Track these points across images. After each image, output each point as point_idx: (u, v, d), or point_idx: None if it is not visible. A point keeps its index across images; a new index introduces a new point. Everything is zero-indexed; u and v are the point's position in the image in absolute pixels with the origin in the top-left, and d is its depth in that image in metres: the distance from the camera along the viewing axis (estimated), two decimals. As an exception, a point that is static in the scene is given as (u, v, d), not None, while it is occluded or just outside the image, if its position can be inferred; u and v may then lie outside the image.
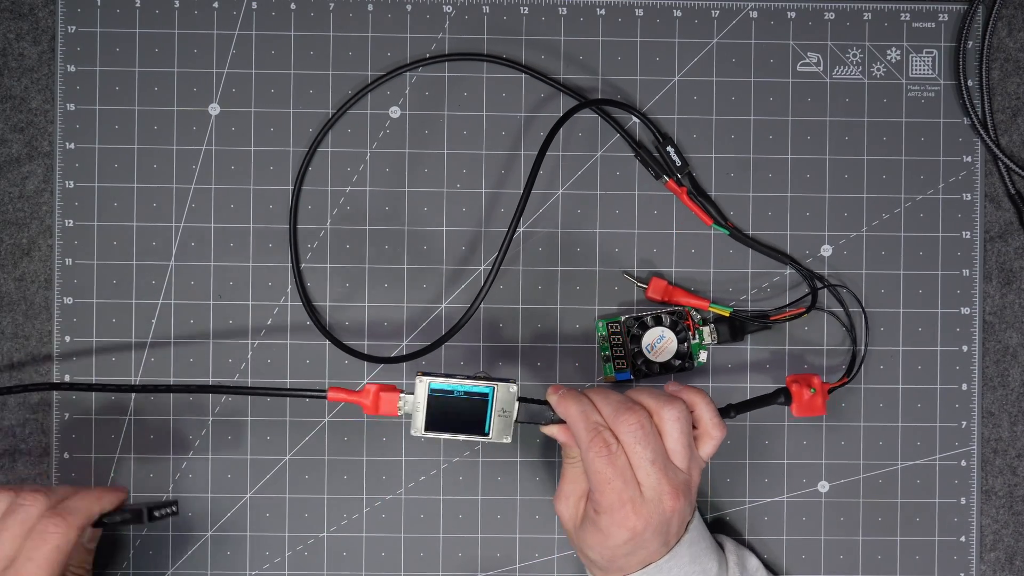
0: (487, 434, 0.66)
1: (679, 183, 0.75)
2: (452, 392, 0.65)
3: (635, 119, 0.77)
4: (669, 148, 0.75)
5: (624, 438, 0.64)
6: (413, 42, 0.77)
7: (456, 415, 0.65)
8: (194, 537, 0.76)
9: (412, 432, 0.66)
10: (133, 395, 0.76)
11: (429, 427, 0.66)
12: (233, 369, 0.76)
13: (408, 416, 0.67)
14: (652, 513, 0.64)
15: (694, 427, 0.67)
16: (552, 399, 0.67)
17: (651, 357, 0.74)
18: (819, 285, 0.76)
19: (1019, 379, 0.77)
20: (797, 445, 0.77)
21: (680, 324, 0.74)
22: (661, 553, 0.66)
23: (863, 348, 0.76)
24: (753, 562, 0.73)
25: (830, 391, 0.73)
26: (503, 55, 0.77)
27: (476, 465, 0.76)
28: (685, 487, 0.65)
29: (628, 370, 0.75)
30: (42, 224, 0.76)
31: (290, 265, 0.76)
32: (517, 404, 0.66)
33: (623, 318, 0.75)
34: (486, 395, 0.65)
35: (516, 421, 0.66)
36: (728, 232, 0.76)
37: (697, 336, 0.75)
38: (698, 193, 0.76)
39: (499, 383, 0.65)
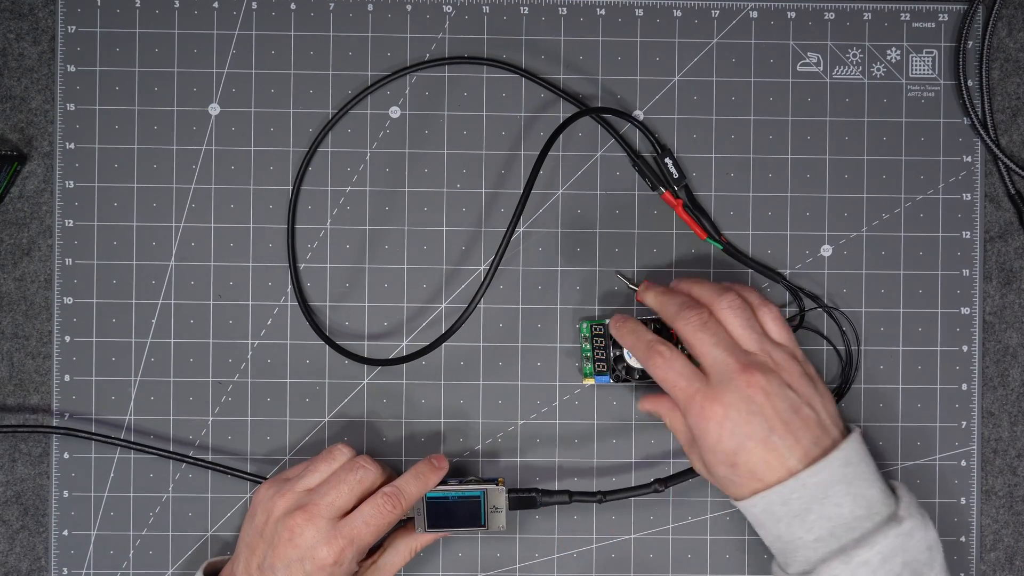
0: (484, 526, 0.72)
1: (675, 195, 0.75)
2: (447, 498, 0.71)
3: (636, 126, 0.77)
4: (667, 160, 0.75)
5: (685, 331, 0.66)
6: (413, 42, 0.77)
7: (454, 514, 0.72)
8: (194, 537, 0.76)
9: (416, 530, 0.72)
10: (134, 394, 0.76)
11: (431, 526, 0.71)
12: (233, 369, 0.76)
13: (411, 517, 0.72)
14: (727, 394, 0.63)
15: None
16: (612, 331, 0.71)
17: (631, 363, 0.74)
18: (809, 307, 0.76)
19: (1019, 379, 0.77)
20: (797, 445, 0.77)
21: (664, 332, 0.74)
22: (802, 463, 0.63)
23: (854, 368, 0.76)
24: (933, 533, 0.64)
25: None
26: (503, 56, 0.77)
27: (476, 465, 0.76)
28: (760, 365, 0.64)
29: (608, 374, 0.75)
30: (42, 224, 0.77)
31: (288, 265, 0.76)
32: (507, 500, 0.72)
33: (607, 321, 0.75)
34: (478, 497, 0.72)
35: (509, 510, 0.72)
36: (722, 247, 0.76)
37: (680, 346, 0.75)
38: (694, 206, 0.76)
39: (488, 486, 0.72)
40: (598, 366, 0.75)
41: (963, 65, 0.77)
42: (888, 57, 0.77)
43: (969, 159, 0.77)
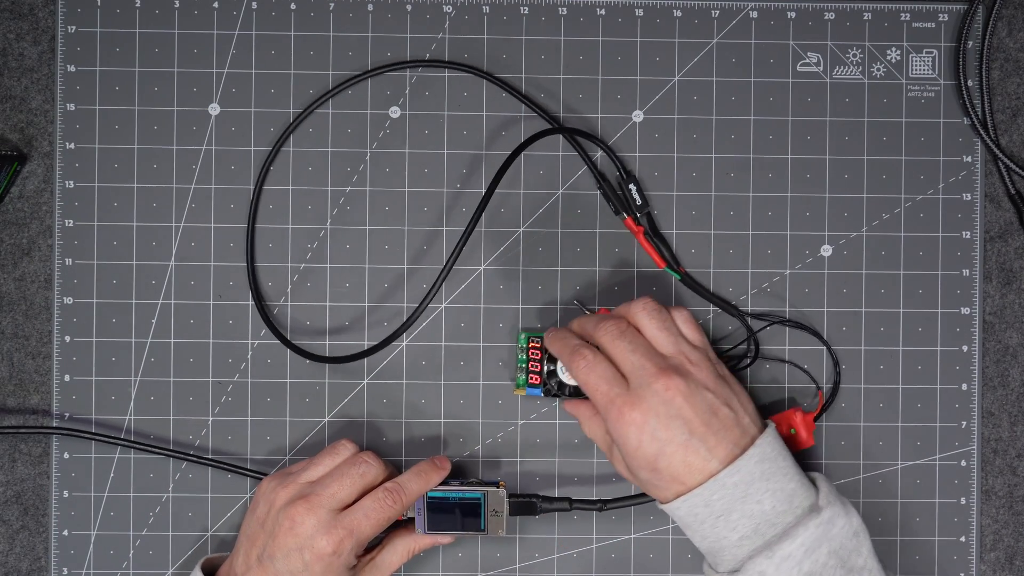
0: (484, 530, 0.72)
1: (637, 222, 0.75)
2: (448, 498, 0.72)
3: (603, 149, 0.77)
4: (631, 186, 0.75)
5: (603, 341, 0.66)
6: (413, 42, 0.77)
7: (454, 516, 0.72)
8: (194, 537, 0.76)
9: (416, 530, 0.72)
10: (134, 394, 0.76)
11: (431, 527, 0.72)
12: (233, 369, 0.76)
13: (411, 518, 0.72)
14: (646, 399, 0.64)
15: None
16: (545, 341, 0.71)
17: (564, 378, 0.74)
18: (758, 328, 0.75)
19: (1019, 379, 0.77)
20: (797, 445, 0.77)
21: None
22: (722, 463, 0.63)
23: (831, 383, 0.76)
24: (856, 519, 0.65)
25: (815, 419, 0.74)
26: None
27: (476, 466, 0.76)
28: (677, 368, 0.64)
29: (540, 386, 0.75)
30: (42, 224, 0.77)
31: (246, 265, 0.76)
32: (507, 504, 0.72)
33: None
34: (478, 499, 0.72)
35: (509, 515, 0.73)
36: (679, 277, 0.76)
37: None
38: (654, 234, 0.76)
39: (489, 488, 0.72)
40: (531, 377, 0.75)
41: (963, 65, 0.77)
42: (888, 57, 0.77)
43: (969, 159, 0.77)
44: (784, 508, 0.63)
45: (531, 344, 0.75)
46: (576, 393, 0.74)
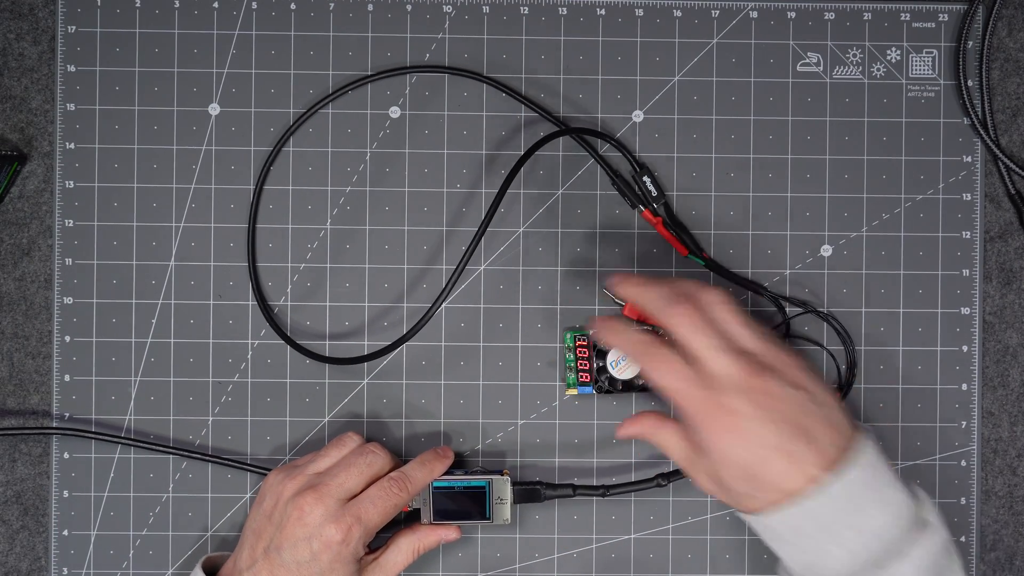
0: (489, 518, 0.73)
1: (655, 213, 0.75)
2: (453, 487, 0.73)
3: (614, 144, 0.77)
4: (645, 178, 0.75)
5: (680, 332, 0.60)
6: (413, 42, 0.77)
7: (459, 505, 0.73)
8: (194, 537, 0.76)
9: (422, 520, 0.73)
10: (134, 395, 0.76)
11: (437, 517, 0.73)
12: (233, 369, 0.76)
13: (416, 509, 0.73)
14: (739, 400, 0.58)
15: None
16: (597, 334, 0.67)
17: (615, 374, 0.74)
18: (793, 313, 0.76)
19: (1019, 379, 0.77)
20: (797, 445, 0.77)
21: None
22: (822, 468, 0.58)
23: (854, 370, 0.76)
24: (946, 532, 0.60)
25: None
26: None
27: (477, 465, 0.76)
28: (769, 368, 0.59)
29: (591, 384, 0.75)
30: (42, 224, 0.77)
31: (247, 265, 0.76)
32: (511, 491, 0.73)
33: (591, 332, 0.74)
34: (483, 488, 0.73)
35: (514, 503, 0.73)
36: (703, 263, 0.76)
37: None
38: (673, 223, 0.76)
39: (494, 476, 0.73)
40: (581, 376, 0.75)
41: (963, 65, 0.77)
42: (888, 57, 0.77)
43: (969, 159, 0.77)
44: (891, 521, 0.58)
45: (578, 343, 0.75)
46: (627, 388, 0.74)
